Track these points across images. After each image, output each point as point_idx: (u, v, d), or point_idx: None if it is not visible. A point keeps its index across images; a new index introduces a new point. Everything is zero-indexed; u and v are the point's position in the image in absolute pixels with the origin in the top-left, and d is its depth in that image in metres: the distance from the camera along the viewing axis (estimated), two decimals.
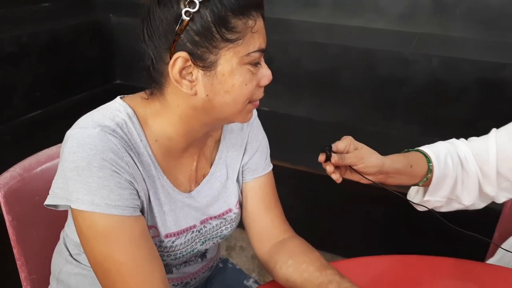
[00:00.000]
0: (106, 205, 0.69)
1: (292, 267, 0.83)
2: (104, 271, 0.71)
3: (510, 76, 1.98)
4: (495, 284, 0.91)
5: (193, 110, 0.74)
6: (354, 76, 2.27)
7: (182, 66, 0.70)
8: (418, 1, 2.37)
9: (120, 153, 0.71)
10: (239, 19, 0.68)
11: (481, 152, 0.96)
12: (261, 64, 0.74)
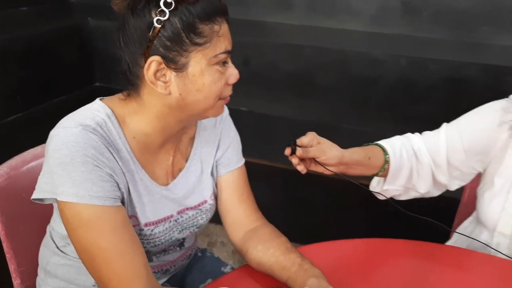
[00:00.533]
0: (90, 196, 0.75)
1: (261, 252, 0.91)
2: (90, 257, 0.77)
3: (474, 74, 2.09)
4: (451, 263, 1.00)
5: (168, 108, 0.81)
6: (328, 76, 2.35)
7: (156, 68, 0.77)
8: (389, 4, 2.47)
9: (101, 149, 0.78)
10: (205, 24, 0.76)
11: (433, 145, 1.05)
12: (228, 64, 0.82)
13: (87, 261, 0.79)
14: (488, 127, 1.04)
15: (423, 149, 1.07)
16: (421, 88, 2.19)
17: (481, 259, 1.02)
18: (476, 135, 1.05)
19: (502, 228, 1.02)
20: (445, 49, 2.33)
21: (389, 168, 1.03)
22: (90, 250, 0.77)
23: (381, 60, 2.24)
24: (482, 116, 1.06)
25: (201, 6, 0.76)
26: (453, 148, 1.05)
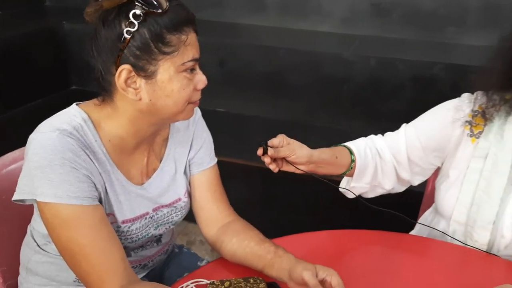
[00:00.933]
0: (68, 197, 0.80)
1: (236, 244, 0.96)
2: (70, 254, 0.82)
3: (439, 73, 2.19)
4: (413, 250, 1.08)
5: (140, 113, 0.86)
6: (301, 76, 2.42)
7: (126, 76, 0.82)
8: (359, 6, 2.55)
9: (77, 152, 0.82)
10: (173, 35, 0.81)
11: (394, 144, 1.13)
12: (196, 70, 0.86)
13: (67, 258, 0.83)
14: (442, 126, 1.12)
15: (385, 149, 1.14)
16: (390, 87, 2.28)
17: (439, 246, 1.09)
18: (431, 134, 1.13)
19: (457, 217, 1.10)
20: (413, 49, 2.42)
21: (355, 166, 1.10)
22: (70, 247, 0.81)
23: (351, 60, 2.32)
24: (436, 115, 1.14)
25: (168, 18, 0.81)
26: (412, 146, 1.13)
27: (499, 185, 1.05)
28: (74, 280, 0.97)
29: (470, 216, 1.07)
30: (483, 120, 1.08)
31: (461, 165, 1.10)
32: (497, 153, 1.05)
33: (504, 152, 1.05)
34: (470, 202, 1.07)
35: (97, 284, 0.81)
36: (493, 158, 1.05)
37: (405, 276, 0.99)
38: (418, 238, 1.12)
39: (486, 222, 1.05)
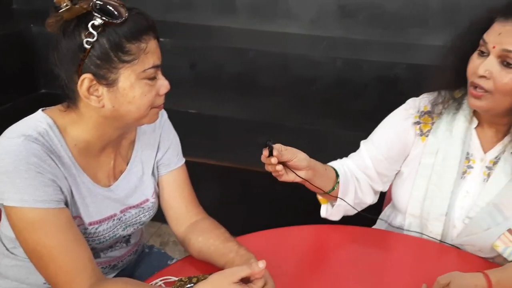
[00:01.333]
0: (34, 200, 0.82)
1: (202, 242, 1.00)
2: (38, 256, 0.84)
3: (402, 73, 2.28)
4: (375, 242, 1.14)
5: (104, 118, 0.89)
6: (270, 77, 2.47)
7: (88, 85, 0.85)
8: (326, 8, 2.61)
9: (42, 157, 0.85)
10: (132, 43, 0.84)
11: (360, 163, 1.18)
12: (158, 76, 0.89)
13: (35, 260, 0.85)
14: (397, 134, 1.18)
15: (355, 169, 1.19)
16: (355, 87, 2.35)
17: (396, 238, 1.16)
18: (390, 145, 1.18)
19: (412, 211, 1.16)
20: (378, 50, 2.50)
21: (340, 182, 1.14)
22: (37, 250, 0.84)
23: (319, 62, 2.39)
24: (389, 126, 1.20)
25: (127, 27, 0.83)
26: (377, 160, 1.19)
27: (449, 178, 1.11)
28: (44, 283, 0.99)
29: (424, 209, 1.14)
30: (430, 119, 1.15)
31: (413, 162, 1.16)
32: (447, 149, 1.12)
33: (453, 148, 1.11)
34: (423, 196, 1.13)
35: (66, 285, 0.84)
36: (443, 153, 1.12)
37: (363, 266, 1.05)
38: (377, 231, 1.18)
39: (439, 214, 1.12)
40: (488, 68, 0.99)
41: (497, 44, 0.98)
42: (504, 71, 0.98)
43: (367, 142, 1.22)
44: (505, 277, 0.96)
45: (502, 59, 0.98)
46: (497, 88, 0.98)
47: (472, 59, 1.03)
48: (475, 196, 1.10)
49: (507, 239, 1.05)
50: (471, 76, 1.03)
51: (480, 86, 1.00)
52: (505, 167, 1.07)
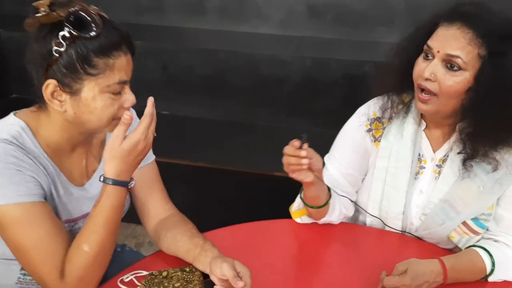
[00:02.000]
0: (17, 196, 0.85)
1: (170, 239, 1.03)
2: (23, 251, 0.87)
3: (370, 71, 2.34)
4: (341, 234, 1.19)
5: (68, 122, 0.92)
6: (241, 77, 2.51)
7: (52, 90, 0.87)
8: (295, 8, 2.66)
9: (20, 157, 0.88)
10: (100, 58, 0.85)
11: (332, 181, 1.20)
12: (124, 91, 0.90)
13: (21, 255, 0.88)
14: (355, 145, 1.20)
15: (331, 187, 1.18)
16: (325, 85, 2.41)
17: (360, 230, 1.23)
18: (353, 158, 1.21)
19: (371, 212, 1.21)
20: (346, 48, 2.56)
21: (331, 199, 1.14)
22: (23, 244, 0.86)
23: (289, 61, 2.43)
24: (347, 139, 1.22)
25: (98, 42, 0.85)
26: (346, 174, 1.21)
27: (404, 179, 1.16)
28: (16, 283, 1.00)
29: (382, 209, 1.19)
30: (381, 125, 1.18)
31: (371, 169, 1.21)
32: (399, 151, 1.16)
33: (405, 150, 1.16)
34: (380, 197, 1.18)
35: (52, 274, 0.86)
36: (396, 156, 1.17)
37: (329, 257, 1.10)
38: (344, 224, 1.22)
39: (397, 213, 1.17)
40: (433, 71, 1.01)
41: (441, 48, 1.01)
42: (448, 74, 1.00)
43: (330, 159, 1.24)
44: (458, 262, 1.02)
45: (446, 63, 1.01)
46: (442, 91, 1.01)
47: (418, 63, 1.05)
48: (428, 194, 1.15)
49: (461, 231, 1.11)
50: (417, 79, 1.05)
51: (426, 89, 1.02)
52: (453, 165, 1.12)
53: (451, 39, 1.00)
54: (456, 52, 0.99)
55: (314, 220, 1.19)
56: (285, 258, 1.09)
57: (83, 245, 0.87)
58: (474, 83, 1.00)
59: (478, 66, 1.00)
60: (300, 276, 1.03)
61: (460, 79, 1.00)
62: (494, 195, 1.09)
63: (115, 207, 0.89)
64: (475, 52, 0.99)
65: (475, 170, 1.08)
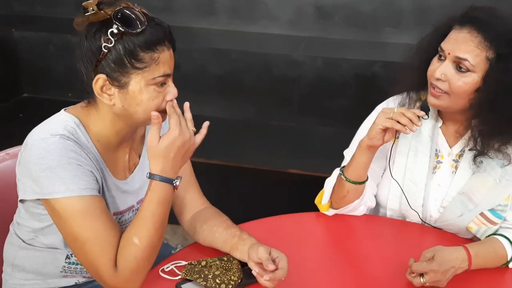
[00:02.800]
0: (79, 189, 0.91)
1: (206, 230, 1.08)
2: (82, 242, 0.91)
3: (380, 70, 2.39)
4: (361, 226, 1.24)
5: (116, 116, 0.97)
6: (254, 77, 2.55)
7: (102, 84, 0.92)
8: (304, 9, 2.71)
9: (78, 152, 0.93)
10: (146, 53, 0.91)
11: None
12: (167, 83, 0.95)
13: (78, 248, 0.93)
14: None
15: None
16: (336, 85, 2.46)
17: (380, 221, 1.28)
18: None
19: (391, 205, 1.26)
20: (355, 49, 2.62)
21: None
22: (83, 235, 0.91)
23: (300, 61, 2.48)
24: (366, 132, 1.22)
25: (143, 37, 0.90)
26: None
27: (422, 174, 1.22)
28: (61, 271, 1.05)
29: (403, 202, 1.24)
30: None
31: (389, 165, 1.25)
32: (417, 146, 1.22)
33: (423, 145, 1.22)
34: (400, 191, 1.23)
35: (108, 266, 0.91)
36: (414, 151, 1.22)
37: (351, 249, 1.16)
38: (363, 216, 1.27)
39: (416, 206, 1.22)
40: (443, 71, 1.08)
41: (451, 50, 1.07)
42: (458, 75, 1.07)
43: (348, 152, 1.30)
44: (482, 249, 1.08)
45: (456, 64, 1.07)
46: (452, 90, 1.07)
47: (433, 62, 1.12)
48: (446, 188, 1.21)
49: (479, 221, 1.17)
50: (430, 77, 1.11)
51: (437, 87, 1.10)
52: (471, 158, 1.17)
53: (461, 42, 1.07)
54: (465, 55, 1.06)
55: (339, 211, 1.24)
56: (314, 249, 1.14)
57: (133, 238, 0.92)
58: (482, 84, 1.07)
59: (486, 68, 1.06)
60: (330, 266, 1.09)
61: (469, 80, 1.07)
62: (510, 187, 1.15)
63: (161, 202, 0.94)
64: (483, 55, 1.05)
65: (491, 163, 1.14)
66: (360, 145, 1.16)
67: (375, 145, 1.13)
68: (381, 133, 1.11)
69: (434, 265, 0.99)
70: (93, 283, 1.08)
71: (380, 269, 1.07)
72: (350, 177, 1.19)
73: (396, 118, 1.08)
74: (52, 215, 0.93)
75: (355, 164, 1.18)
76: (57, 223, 0.94)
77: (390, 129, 1.10)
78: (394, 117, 1.08)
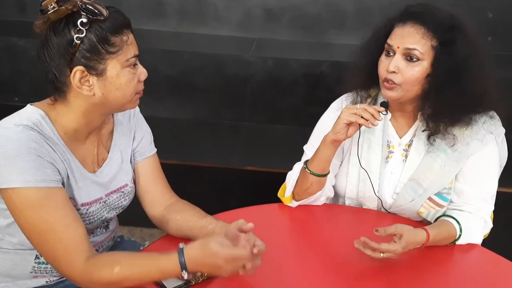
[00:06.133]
0: (36, 180, 0.91)
1: (180, 220, 1.11)
2: (38, 234, 0.92)
3: (327, 70, 2.50)
4: (322, 214, 1.32)
5: (93, 106, 0.99)
6: (205, 78, 2.58)
7: (80, 76, 0.94)
8: (252, 11, 2.77)
9: (40, 143, 0.93)
10: (116, 37, 0.94)
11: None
12: (138, 65, 1.00)
13: (35, 238, 0.93)
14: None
15: None
16: (286, 84, 2.54)
17: (339, 208, 1.37)
18: None
19: (349, 194, 1.36)
20: (302, 49, 2.71)
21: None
22: (39, 227, 0.91)
23: (251, 61, 2.54)
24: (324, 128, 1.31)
25: (110, 23, 0.94)
26: None
27: (376, 163, 1.32)
28: (31, 271, 1.04)
29: (359, 190, 1.33)
30: None
31: (346, 154, 1.36)
32: (370, 137, 1.32)
33: (375, 135, 1.32)
34: (357, 180, 1.33)
35: (65, 258, 0.91)
36: (368, 142, 1.32)
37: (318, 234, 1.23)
38: (328, 205, 1.35)
39: (372, 192, 1.32)
40: (396, 64, 1.18)
41: (400, 44, 1.18)
42: (410, 65, 1.17)
43: (308, 146, 1.38)
44: (439, 232, 1.18)
45: (406, 56, 1.18)
46: (406, 80, 1.18)
47: (381, 60, 1.21)
48: (398, 175, 1.31)
49: (429, 206, 1.28)
50: (383, 74, 1.20)
51: (391, 80, 1.20)
52: (418, 147, 1.29)
53: (407, 36, 1.18)
54: (413, 45, 1.17)
55: (301, 203, 1.31)
56: (281, 237, 1.21)
57: (116, 266, 0.91)
58: (431, 70, 1.19)
59: (433, 55, 1.18)
60: (297, 253, 1.16)
61: (419, 68, 1.18)
62: (453, 172, 1.27)
63: (161, 272, 0.92)
64: (428, 44, 1.18)
65: (437, 151, 1.25)
66: (324, 140, 1.23)
67: (339, 139, 1.21)
68: (345, 128, 1.19)
69: (399, 246, 1.07)
70: (65, 283, 1.09)
71: (342, 252, 1.14)
72: (314, 170, 1.26)
73: (360, 113, 1.16)
74: (9, 205, 0.93)
75: (319, 157, 1.25)
76: (13, 214, 0.94)
77: (354, 123, 1.18)
78: (358, 112, 1.16)
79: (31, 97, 1.10)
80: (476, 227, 1.24)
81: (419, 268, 1.10)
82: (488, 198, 1.27)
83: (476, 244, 1.23)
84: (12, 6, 2.70)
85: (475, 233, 1.23)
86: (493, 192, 1.28)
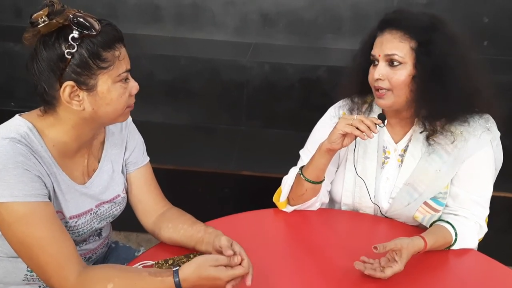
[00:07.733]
0: (24, 195, 0.89)
1: (172, 229, 1.11)
2: (27, 248, 0.90)
3: (323, 74, 2.50)
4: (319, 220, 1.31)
5: (83, 120, 0.97)
6: (202, 82, 2.58)
7: (70, 91, 0.93)
8: (249, 16, 2.78)
9: (27, 156, 0.92)
10: (108, 52, 0.93)
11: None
12: (129, 79, 0.99)
13: (23, 252, 0.91)
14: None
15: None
16: (282, 89, 2.54)
17: (336, 213, 1.37)
18: None
19: (345, 200, 1.36)
20: (299, 54, 2.72)
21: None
22: (27, 241, 0.89)
23: (248, 66, 2.55)
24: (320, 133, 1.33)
25: (102, 38, 0.92)
26: None
27: (372, 168, 1.32)
28: (23, 279, 1.03)
29: (355, 196, 1.33)
30: None
31: (342, 160, 1.36)
32: (366, 143, 1.32)
33: (371, 141, 1.31)
34: (353, 186, 1.33)
35: (56, 272, 0.90)
36: (363, 148, 1.33)
37: (315, 239, 1.22)
38: (324, 210, 1.35)
39: (368, 199, 1.32)
40: (380, 72, 1.20)
41: (380, 52, 1.20)
42: (393, 70, 1.19)
43: (304, 151, 1.38)
44: (436, 240, 1.17)
45: (388, 62, 1.20)
46: (393, 85, 1.19)
47: (370, 71, 1.24)
48: (393, 180, 1.31)
49: (424, 210, 1.28)
50: (372, 83, 1.23)
51: (380, 88, 1.20)
52: (414, 152, 1.29)
53: (385, 42, 1.21)
54: (392, 51, 1.19)
55: (296, 208, 1.31)
56: (276, 242, 1.20)
57: (109, 284, 0.89)
58: (415, 71, 1.20)
59: (414, 56, 1.19)
60: (291, 258, 1.15)
61: (403, 71, 1.20)
62: (448, 176, 1.27)
63: None
64: (407, 46, 1.19)
65: (432, 155, 1.25)
66: (320, 148, 1.23)
67: (334, 148, 1.20)
68: (340, 138, 1.19)
69: (402, 265, 1.06)
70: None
71: (337, 257, 1.14)
72: (309, 177, 1.26)
73: (356, 124, 1.16)
74: None
75: (314, 165, 1.25)
76: (1, 228, 0.92)
77: (349, 134, 1.18)
78: (354, 124, 1.16)
79: (27, 102, 1.09)
80: (471, 232, 1.24)
81: (414, 272, 1.10)
82: (483, 202, 1.27)
83: (471, 249, 1.23)
84: (8, 11, 2.71)
85: (470, 238, 1.23)
86: (488, 196, 1.28)
